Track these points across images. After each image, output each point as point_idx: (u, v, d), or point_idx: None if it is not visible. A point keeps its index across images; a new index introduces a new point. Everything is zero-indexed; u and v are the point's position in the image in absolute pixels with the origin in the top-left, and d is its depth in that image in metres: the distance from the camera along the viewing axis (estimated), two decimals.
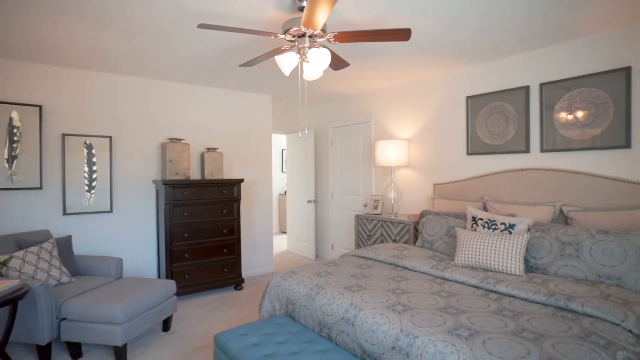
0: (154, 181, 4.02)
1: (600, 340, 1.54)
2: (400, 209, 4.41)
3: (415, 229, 3.69)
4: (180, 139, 4.03)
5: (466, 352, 1.49)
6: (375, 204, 4.34)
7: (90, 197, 3.68)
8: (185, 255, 3.89)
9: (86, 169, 3.65)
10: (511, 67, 3.35)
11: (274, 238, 7.51)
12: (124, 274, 3.94)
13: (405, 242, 3.73)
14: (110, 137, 3.79)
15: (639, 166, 2.63)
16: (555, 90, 3.04)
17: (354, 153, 5.08)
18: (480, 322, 1.74)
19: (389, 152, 4.03)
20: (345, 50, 3.14)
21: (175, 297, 3.06)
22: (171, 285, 2.99)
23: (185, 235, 3.90)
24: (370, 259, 2.96)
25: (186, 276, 3.89)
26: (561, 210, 2.94)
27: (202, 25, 1.99)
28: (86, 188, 3.65)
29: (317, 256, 5.77)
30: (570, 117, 2.94)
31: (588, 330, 1.63)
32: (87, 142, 3.67)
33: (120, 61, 3.42)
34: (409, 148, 4.29)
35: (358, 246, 4.32)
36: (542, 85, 3.12)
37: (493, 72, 3.48)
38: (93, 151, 3.69)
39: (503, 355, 1.45)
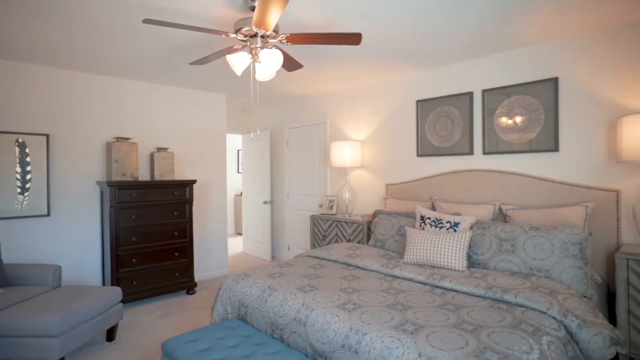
0: (98, 182, 3.79)
1: (529, 327, 1.68)
2: (355, 209, 4.51)
3: (369, 229, 3.79)
4: (127, 138, 3.83)
5: (411, 346, 1.56)
6: (331, 204, 4.40)
7: (24, 200, 3.39)
8: (133, 260, 3.71)
9: (18, 169, 3.36)
10: (457, 74, 3.54)
11: (229, 240, 7.36)
12: (64, 282, 3.67)
13: (359, 242, 3.81)
14: (47, 135, 3.51)
15: (565, 168, 2.90)
16: (496, 97, 3.26)
17: (310, 154, 5.11)
18: (425, 316, 1.82)
19: (344, 153, 4.11)
20: (299, 51, 3.16)
21: (121, 304, 2.90)
22: (116, 292, 2.83)
23: (133, 239, 3.71)
24: (324, 259, 3.00)
25: (134, 282, 3.70)
26: (500, 209, 3.16)
27: (147, 21, 1.91)
28: (18, 190, 3.36)
29: (273, 257, 5.74)
30: (510, 121, 3.17)
31: (519, 319, 1.77)
32: (20, 140, 3.37)
33: (59, 54, 3.18)
34: (363, 149, 4.40)
35: (314, 246, 4.35)
36: (484, 91, 3.33)
37: (441, 78, 3.66)
38: (27, 150, 3.40)
39: (444, 347, 1.53)
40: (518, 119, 3.12)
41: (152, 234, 3.84)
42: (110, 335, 2.87)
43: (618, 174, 2.66)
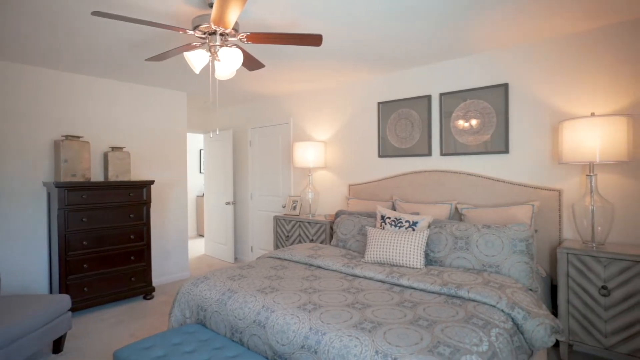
0: (45, 183, 3.54)
1: (479, 321, 1.77)
2: (318, 209, 4.53)
3: (332, 229, 3.82)
4: (78, 137, 3.61)
5: (368, 344, 1.59)
6: (294, 204, 4.39)
7: None
8: (85, 265, 3.50)
9: None
10: (416, 77, 3.65)
11: (190, 242, 7.15)
12: (5, 291, 3.40)
13: (322, 242, 3.84)
14: None
15: (515, 169, 3.07)
16: (453, 100, 3.40)
17: (273, 154, 5.07)
18: (384, 314, 1.87)
19: (307, 154, 4.11)
20: (261, 51, 3.12)
21: (69, 313, 2.73)
22: (64, 300, 2.66)
23: (85, 243, 3.51)
24: (285, 259, 2.99)
25: (85, 289, 3.50)
26: (456, 208, 3.29)
27: (96, 13, 1.81)
28: None
29: (236, 259, 5.64)
30: (466, 124, 3.31)
31: (471, 313, 1.86)
32: None
33: (0, 44, 2.95)
34: (326, 150, 4.43)
35: (277, 247, 4.32)
36: (441, 95, 3.46)
37: (401, 81, 3.77)
38: None
39: (400, 343, 1.57)
40: (473, 122, 3.27)
41: (106, 238, 3.65)
42: (58, 346, 2.69)
43: (560, 174, 2.86)
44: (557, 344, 2.67)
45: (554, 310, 2.77)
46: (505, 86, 3.08)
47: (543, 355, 2.16)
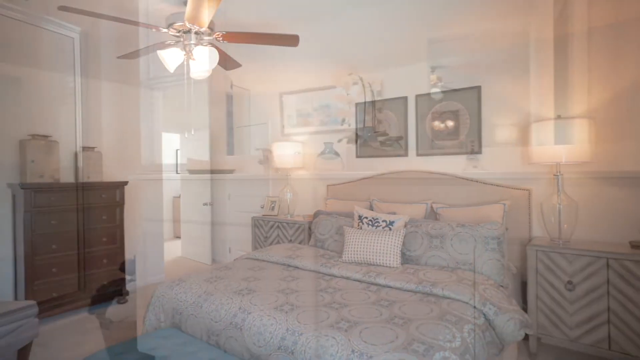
0: (10, 185, 3.38)
1: (453, 318, 1.81)
2: (297, 210, 4.51)
3: (310, 229, 3.82)
4: (46, 136, 3.47)
5: (344, 343, 1.60)
6: (272, 205, 4.37)
7: None
8: (53, 269, 3.37)
9: None
10: (393, 79, 3.70)
11: (166, 244, 6.98)
12: None
13: (300, 242, 3.83)
14: None
15: (487, 169, 3.17)
16: (428, 102, 3.46)
17: (251, 154, 5.03)
18: (360, 313, 1.88)
19: (286, 154, 4.10)
20: (239, 50, 3.09)
21: (35, 320, 2.61)
22: (29, 307, 2.54)
23: (54, 246, 3.37)
24: (263, 260, 2.97)
25: (54, 294, 3.36)
26: (432, 207, 3.36)
27: (63, 8, 1.74)
28: None
29: (213, 260, 5.55)
30: (442, 125, 3.39)
31: (445, 310, 1.90)
32: None
33: None
34: (304, 150, 4.42)
35: (255, 248, 4.29)
36: (417, 96, 3.52)
37: (378, 82, 3.80)
38: None
39: (375, 342, 1.59)
40: (448, 123, 3.34)
41: (76, 241, 3.52)
42: (23, 356, 2.57)
43: (530, 174, 2.97)
44: (527, 338, 2.77)
45: (525, 305, 2.87)
46: (478, 88, 3.17)
47: (513, 349, 2.24)
